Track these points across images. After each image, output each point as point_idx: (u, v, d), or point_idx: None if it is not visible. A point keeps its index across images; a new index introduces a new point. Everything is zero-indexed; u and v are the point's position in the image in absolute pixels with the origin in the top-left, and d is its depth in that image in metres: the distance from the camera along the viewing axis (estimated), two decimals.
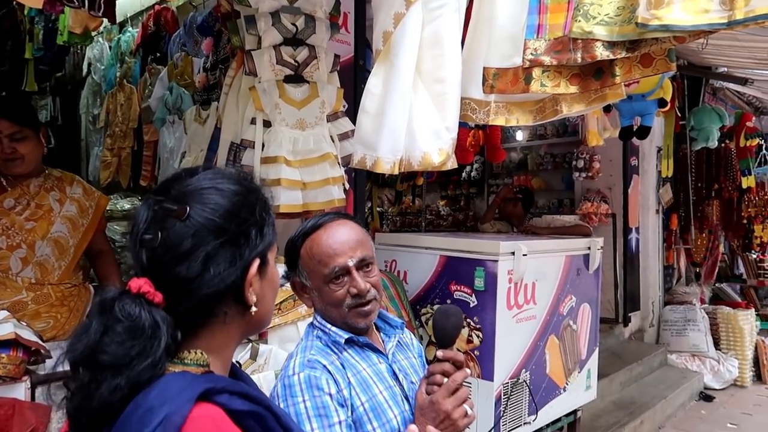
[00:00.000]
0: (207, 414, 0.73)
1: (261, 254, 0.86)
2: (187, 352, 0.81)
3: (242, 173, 0.92)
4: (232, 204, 0.84)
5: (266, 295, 0.90)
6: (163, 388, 0.73)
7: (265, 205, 0.90)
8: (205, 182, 0.85)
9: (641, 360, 5.48)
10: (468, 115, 1.94)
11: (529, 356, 2.82)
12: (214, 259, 0.80)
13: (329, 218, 1.43)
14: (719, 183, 6.26)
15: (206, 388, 0.75)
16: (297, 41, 2.44)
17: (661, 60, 1.53)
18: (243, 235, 0.83)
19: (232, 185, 0.86)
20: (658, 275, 6.51)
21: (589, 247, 3.29)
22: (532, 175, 7.46)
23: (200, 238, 0.80)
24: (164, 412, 0.70)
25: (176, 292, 0.79)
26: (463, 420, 1.22)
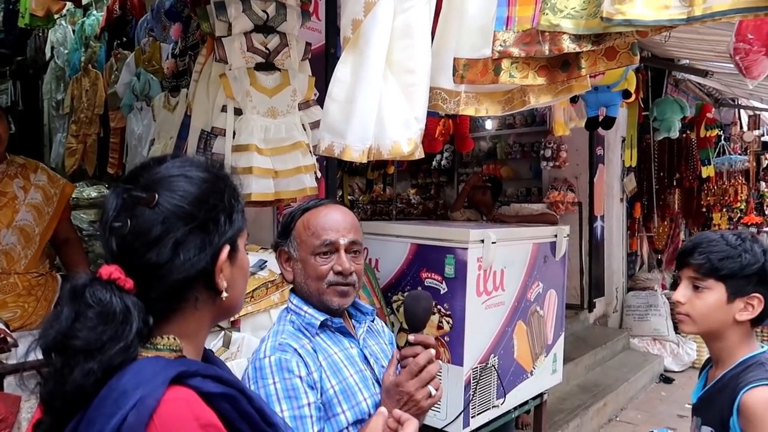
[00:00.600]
0: (180, 396, 0.74)
1: (231, 240, 0.87)
2: (159, 338, 0.82)
3: (211, 161, 0.93)
4: (201, 191, 0.84)
5: (236, 281, 0.91)
6: (137, 372, 0.75)
7: (234, 192, 0.90)
8: (174, 170, 0.86)
9: (605, 344, 5.66)
10: (438, 105, 1.96)
11: (497, 341, 2.89)
12: (183, 245, 0.81)
13: (331, 201, 1.49)
14: (680, 172, 6.47)
15: (179, 371, 0.76)
16: (268, 28, 2.42)
17: (625, 53, 1.58)
18: (212, 221, 0.84)
19: (201, 172, 0.87)
20: (622, 262, 6.71)
21: (556, 235, 3.37)
22: (500, 164, 7.55)
23: (170, 224, 0.81)
24: (138, 395, 0.71)
25: (147, 278, 0.80)
26: (426, 401, 1.26)
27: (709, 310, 1.40)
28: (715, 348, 1.47)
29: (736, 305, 1.39)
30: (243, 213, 0.92)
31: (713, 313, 1.40)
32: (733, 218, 7.11)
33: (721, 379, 1.43)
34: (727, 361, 1.44)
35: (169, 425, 0.71)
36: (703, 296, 1.40)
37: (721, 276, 1.38)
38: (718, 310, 1.40)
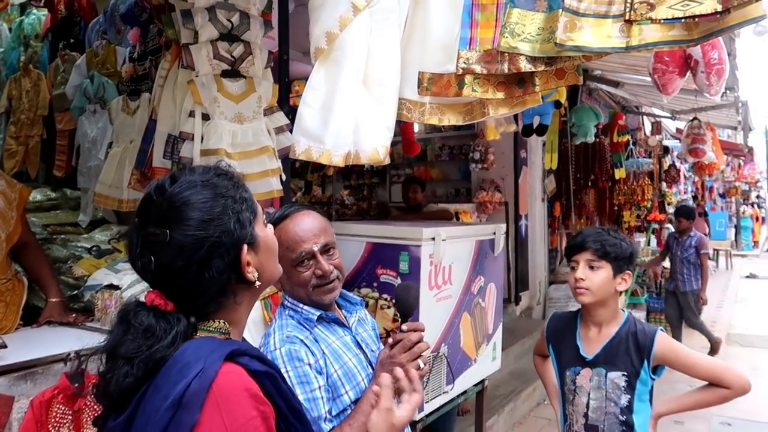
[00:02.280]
0: (233, 371, 0.89)
1: (246, 237, 0.98)
2: (212, 322, 0.97)
3: (206, 172, 1.01)
4: (206, 212, 0.94)
5: (266, 262, 1.03)
6: (197, 349, 0.89)
7: (235, 196, 0.99)
8: (176, 200, 0.94)
9: (531, 334, 6.05)
10: (404, 114, 2.14)
11: (447, 332, 3.11)
12: (206, 264, 0.93)
13: (294, 209, 1.60)
14: (595, 174, 7.02)
15: (232, 349, 0.91)
16: (232, 37, 2.51)
17: (572, 73, 1.83)
18: (224, 233, 0.95)
19: (200, 193, 0.95)
20: (544, 258, 7.19)
21: (495, 233, 3.64)
22: (431, 166, 7.87)
23: (188, 254, 0.92)
24: (200, 366, 0.85)
25: (184, 298, 0.95)
26: (415, 372, 1.44)
27: (602, 283, 1.87)
28: (600, 313, 1.94)
29: (617, 280, 1.89)
30: (251, 201, 1.02)
31: (605, 286, 1.87)
32: (640, 216, 7.80)
33: (618, 335, 1.91)
34: (611, 321, 1.94)
35: (225, 392, 0.85)
36: (598, 273, 1.87)
37: (610, 258, 1.86)
38: (608, 283, 1.87)
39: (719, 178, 16.10)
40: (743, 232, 19.92)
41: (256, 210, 1.04)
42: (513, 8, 1.80)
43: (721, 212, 17.20)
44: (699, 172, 8.91)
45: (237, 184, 1.02)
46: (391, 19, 2.04)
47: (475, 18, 1.91)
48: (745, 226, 20.12)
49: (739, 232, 19.70)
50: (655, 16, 1.59)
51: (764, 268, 14.67)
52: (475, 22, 1.90)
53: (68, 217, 2.94)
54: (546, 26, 1.76)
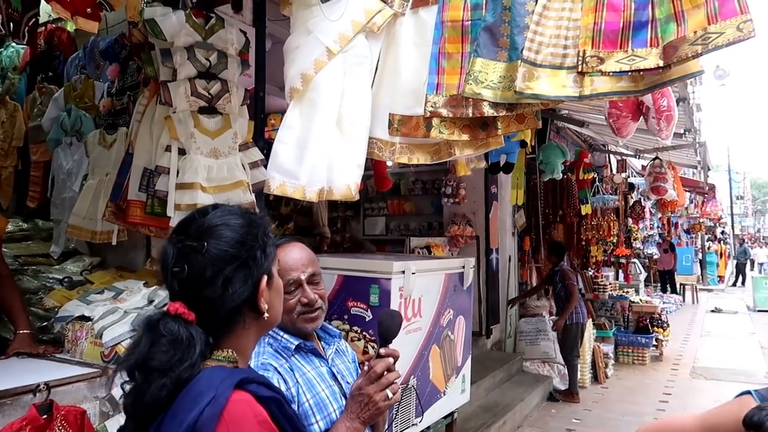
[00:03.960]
0: (243, 398, 0.96)
1: (267, 270, 1.08)
2: (220, 351, 1.04)
3: (243, 208, 1.14)
4: (240, 235, 1.05)
5: (274, 301, 1.12)
6: (209, 377, 0.96)
7: (265, 231, 1.11)
8: (216, 220, 1.07)
9: (502, 367, 6.12)
10: (375, 153, 2.24)
11: (416, 364, 3.17)
12: (231, 281, 1.02)
13: (285, 240, 1.68)
14: (563, 209, 7.23)
15: (242, 377, 0.98)
16: (210, 75, 2.60)
17: (531, 118, 1.95)
18: (251, 258, 1.05)
19: (238, 219, 1.08)
20: (515, 291, 7.30)
21: (464, 266, 3.74)
22: (404, 200, 7.98)
23: (218, 266, 1.02)
24: (212, 394, 0.93)
25: (206, 309, 1.02)
26: (383, 402, 1.45)
27: None
28: None
29: None
30: (273, 246, 1.13)
31: None
32: (607, 250, 8.02)
33: None
34: None
35: (235, 419, 0.92)
36: None
37: None
38: None
39: (684, 215, 16.61)
40: (709, 267, 20.46)
41: (275, 254, 1.14)
42: (477, 57, 1.93)
43: (687, 248, 17.69)
44: (662, 209, 9.22)
45: (265, 224, 1.13)
46: (364, 64, 2.16)
47: (442, 65, 2.03)
48: (710, 261, 20.68)
49: (705, 267, 20.23)
50: (605, 69, 1.73)
51: (729, 302, 15.06)
52: (442, 69, 2.03)
53: (40, 248, 2.95)
54: (507, 75, 1.89)
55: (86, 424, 1.86)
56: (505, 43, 1.88)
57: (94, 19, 2.15)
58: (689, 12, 1.59)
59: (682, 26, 1.60)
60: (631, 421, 5.55)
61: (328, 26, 2.17)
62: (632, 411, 5.87)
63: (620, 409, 5.94)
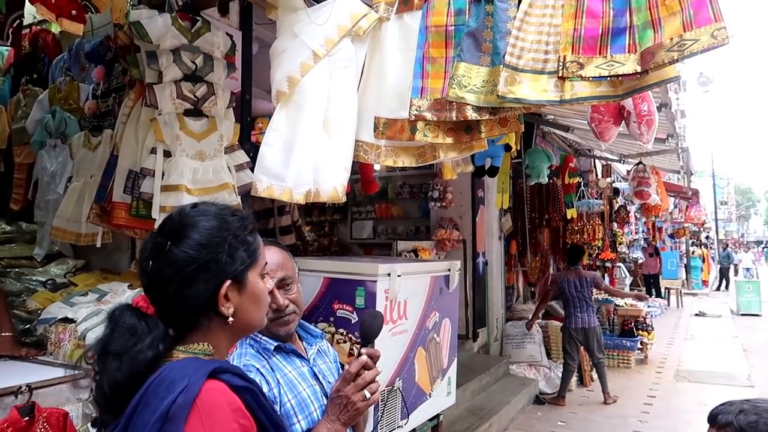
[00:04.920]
0: (216, 387, 0.97)
1: (234, 274, 1.07)
2: (196, 344, 1.06)
3: (223, 208, 1.13)
4: (205, 237, 1.06)
5: (247, 307, 1.10)
6: (182, 368, 0.98)
7: (237, 234, 1.09)
8: (187, 220, 1.09)
9: (488, 371, 6.14)
10: (360, 156, 2.26)
11: (402, 366, 3.18)
12: (189, 282, 1.04)
13: None
14: (549, 213, 7.29)
15: (215, 367, 0.99)
16: (196, 78, 2.61)
17: (514, 122, 1.98)
18: (213, 261, 1.05)
19: (209, 221, 1.08)
20: (501, 295, 7.34)
21: (449, 269, 3.76)
22: (392, 204, 8.01)
23: (177, 267, 1.04)
24: (185, 382, 0.94)
25: (164, 305, 1.07)
26: (362, 403, 1.46)
27: None
28: None
29: None
30: (252, 250, 1.12)
31: None
32: (592, 254, 8.09)
33: None
34: None
35: (208, 407, 0.93)
36: None
37: None
38: None
39: (668, 219, 16.79)
40: (693, 272, 20.68)
41: (257, 258, 1.13)
42: (460, 62, 1.96)
43: (672, 252, 17.87)
44: (646, 213, 9.32)
45: (247, 228, 1.11)
46: (350, 68, 2.18)
47: (426, 69, 2.06)
48: (694, 266, 20.90)
49: (689, 272, 20.44)
50: (584, 74, 1.76)
51: (713, 306, 15.25)
52: (426, 73, 2.05)
53: (23, 251, 2.93)
54: (490, 79, 1.92)
55: (69, 426, 1.85)
56: (488, 48, 1.91)
57: (79, 21, 2.15)
58: (666, 19, 1.63)
59: (658, 33, 1.64)
60: (616, 424, 5.60)
61: (313, 30, 2.20)
62: (617, 413, 5.92)
63: (605, 412, 5.99)
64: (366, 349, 1.52)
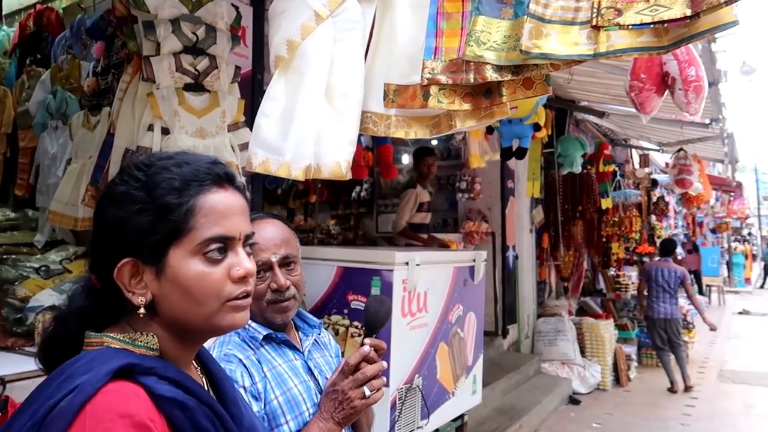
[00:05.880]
0: (122, 390, 0.72)
1: (136, 251, 0.80)
2: (139, 334, 0.82)
3: (148, 168, 0.84)
4: (114, 196, 0.83)
5: (169, 297, 0.81)
6: (91, 359, 0.75)
7: (153, 194, 0.80)
8: (118, 176, 0.87)
9: (519, 369, 5.88)
10: (369, 128, 2.05)
11: (421, 362, 2.96)
12: (95, 255, 0.86)
13: (257, 216, 1.47)
14: (582, 205, 6.95)
15: (129, 363, 0.75)
16: (197, 50, 2.43)
17: (540, 83, 1.74)
18: (110, 228, 0.82)
19: (121, 185, 0.83)
20: (532, 290, 7.05)
21: (474, 260, 3.52)
22: None
23: (95, 236, 0.86)
24: (80, 380, 0.71)
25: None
26: (359, 401, 1.27)
27: None
28: None
29: None
30: (178, 216, 0.80)
31: None
32: (629, 248, 7.70)
33: None
34: None
35: (98, 416, 0.68)
36: None
37: None
38: None
39: (709, 213, 16.09)
40: (735, 269, 19.84)
41: (182, 229, 0.80)
42: (478, 16, 1.72)
43: (713, 248, 17.14)
44: (687, 204, 8.86)
45: (177, 184, 0.81)
46: (356, 30, 1.97)
47: (440, 27, 1.83)
48: (737, 262, 20.05)
49: (731, 269, 19.61)
50: (623, 22, 1.51)
51: (757, 304, 14.54)
52: (440, 31, 1.83)
53: (25, 238, 2.80)
54: (512, 34, 1.68)
55: None
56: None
57: None
58: None
59: None
60: (656, 427, 5.26)
61: None
62: (656, 416, 5.58)
63: (644, 414, 5.65)
64: (369, 340, 1.31)
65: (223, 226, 0.82)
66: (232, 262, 0.83)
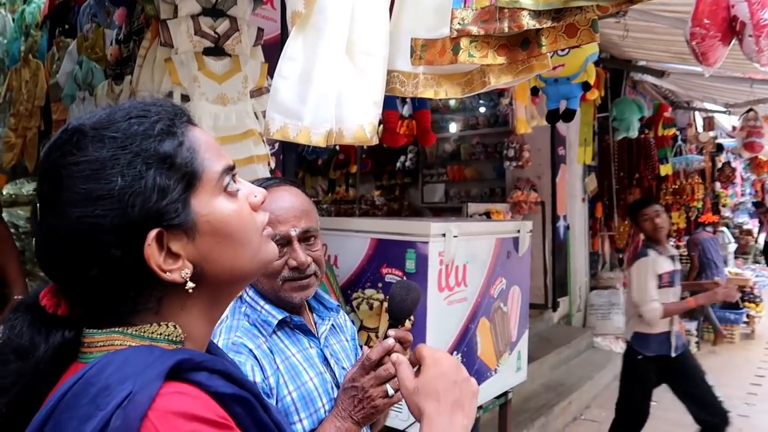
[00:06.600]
0: (183, 392, 0.59)
1: (162, 218, 0.64)
2: (156, 326, 0.66)
3: (110, 116, 0.68)
4: (86, 180, 0.64)
5: (216, 251, 0.68)
6: (123, 363, 0.60)
7: (149, 148, 0.65)
8: (64, 160, 0.67)
9: (569, 343, 5.66)
10: (396, 89, 1.87)
11: (460, 338, 2.81)
12: (82, 257, 0.67)
13: (275, 182, 1.32)
14: (639, 172, 6.55)
15: (178, 360, 0.61)
16: (217, 12, 2.30)
17: (586, 30, 1.52)
18: (110, 212, 0.64)
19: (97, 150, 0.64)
20: (585, 261, 6.76)
21: (519, 230, 3.32)
22: (464, 165, 7.56)
23: (59, 240, 0.68)
24: (126, 390, 0.56)
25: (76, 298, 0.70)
26: (381, 399, 1.13)
27: None
28: None
29: None
30: (182, 162, 0.66)
31: None
32: (690, 217, 7.24)
33: None
34: None
35: (168, 425, 0.56)
36: None
37: None
38: None
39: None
40: None
41: (196, 170, 0.67)
42: None
43: None
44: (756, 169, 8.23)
45: (161, 129, 0.66)
46: None
47: None
48: None
49: None
50: None
51: None
52: None
53: None
54: None
55: None
56: None
57: None
58: None
59: None
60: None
61: None
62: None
63: None
64: (394, 331, 1.14)
65: (223, 157, 0.73)
66: (246, 192, 0.74)
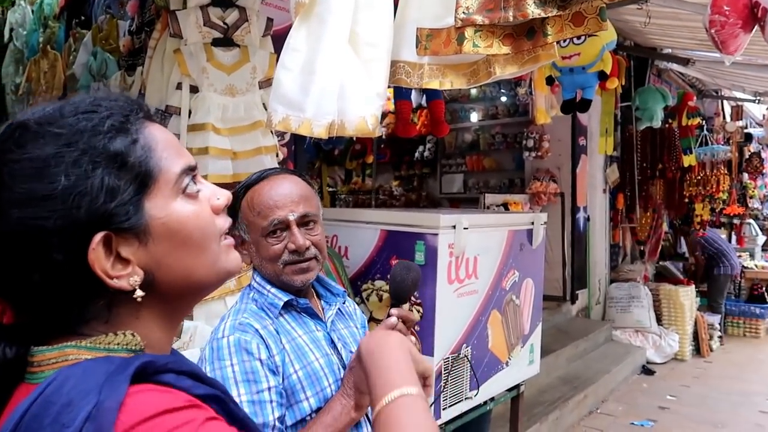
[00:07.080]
0: (151, 389, 0.57)
1: (108, 222, 0.60)
2: (113, 335, 0.63)
3: (56, 112, 0.63)
4: (21, 181, 0.61)
5: (168, 256, 0.64)
6: (83, 376, 0.57)
7: (96, 145, 0.60)
8: (4, 157, 0.64)
9: (587, 336, 5.59)
10: (402, 79, 1.85)
11: (470, 331, 2.79)
12: (18, 265, 0.63)
13: (274, 171, 1.37)
14: (663, 162, 6.41)
15: (143, 362, 0.58)
16: (226, 2, 2.31)
17: (593, 18, 1.47)
18: (51, 214, 0.60)
19: (41, 148, 0.61)
20: (605, 253, 6.66)
21: (533, 222, 3.27)
22: (483, 155, 7.49)
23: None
24: (91, 402, 0.53)
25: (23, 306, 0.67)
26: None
27: None
28: None
29: None
30: (135, 161, 0.62)
31: None
32: (715, 209, 7.07)
33: None
34: None
35: (140, 420, 0.54)
36: None
37: None
38: None
39: None
40: None
41: (151, 171, 0.63)
42: None
43: None
44: None
45: (112, 125, 0.62)
46: None
47: None
48: None
49: None
50: None
51: None
52: None
53: None
54: None
55: None
56: None
57: None
58: None
59: None
60: (738, 402, 4.86)
61: None
62: (739, 390, 5.16)
63: (725, 387, 5.24)
64: (396, 310, 1.19)
65: (183, 156, 0.68)
66: (208, 194, 0.70)
